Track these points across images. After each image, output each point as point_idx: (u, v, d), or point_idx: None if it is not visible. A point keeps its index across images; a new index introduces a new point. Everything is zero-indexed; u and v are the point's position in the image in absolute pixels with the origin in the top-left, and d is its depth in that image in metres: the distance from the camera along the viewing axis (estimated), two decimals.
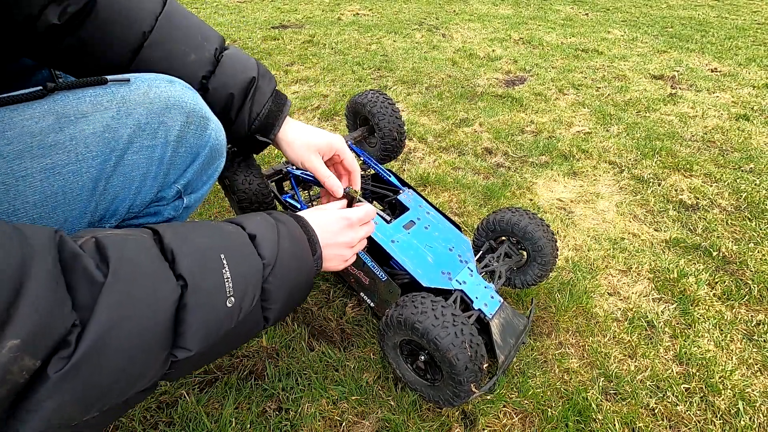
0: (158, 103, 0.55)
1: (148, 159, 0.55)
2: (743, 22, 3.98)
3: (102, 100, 0.52)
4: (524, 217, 0.95)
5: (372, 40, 3.10)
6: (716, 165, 1.65)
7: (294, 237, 0.56)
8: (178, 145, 0.57)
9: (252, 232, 0.52)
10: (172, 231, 0.46)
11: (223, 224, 0.51)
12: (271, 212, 0.59)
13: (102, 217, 0.54)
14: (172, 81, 0.58)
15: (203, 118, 0.59)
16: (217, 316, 0.45)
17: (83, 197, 0.51)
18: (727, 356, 0.94)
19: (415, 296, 0.77)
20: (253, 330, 0.51)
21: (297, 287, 0.55)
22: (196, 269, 0.43)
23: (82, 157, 0.50)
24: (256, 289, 0.49)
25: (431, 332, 0.70)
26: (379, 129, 1.10)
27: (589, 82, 2.43)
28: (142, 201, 0.56)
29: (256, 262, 0.50)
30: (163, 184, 0.57)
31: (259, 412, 0.81)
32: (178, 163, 0.58)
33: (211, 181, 0.65)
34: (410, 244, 0.90)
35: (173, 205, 0.60)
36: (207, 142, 0.60)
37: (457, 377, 0.70)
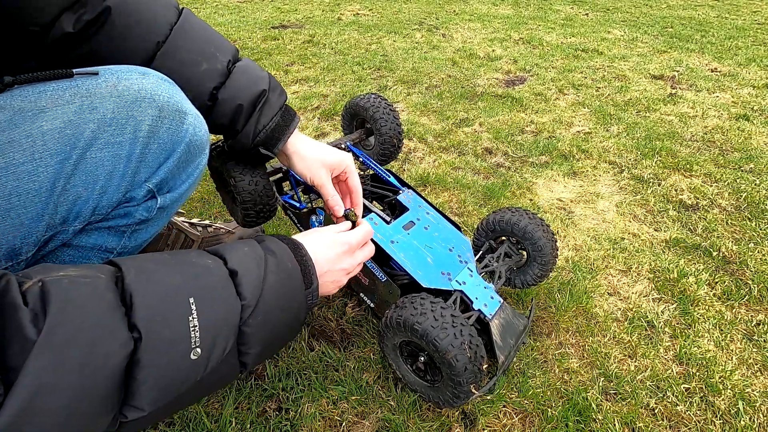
0: (127, 96, 0.51)
1: (114, 156, 0.51)
2: (743, 22, 3.98)
3: (64, 93, 0.49)
4: (524, 217, 0.95)
5: (372, 40, 3.10)
6: (716, 165, 1.65)
7: (285, 270, 0.52)
8: (150, 141, 0.53)
9: (234, 268, 0.47)
10: (137, 269, 0.41)
11: (202, 257, 0.47)
12: (264, 239, 0.55)
13: (64, 220, 0.50)
14: (145, 73, 0.55)
15: (178, 111, 0.55)
16: (177, 371, 0.40)
17: (40, 198, 0.47)
18: (727, 356, 0.94)
19: (414, 297, 0.77)
20: (226, 378, 0.47)
21: (282, 327, 0.51)
22: (156, 318, 0.39)
23: (38, 156, 0.46)
24: (231, 335, 0.45)
25: (430, 333, 0.70)
26: (380, 134, 1.10)
27: (589, 82, 2.43)
28: (108, 202, 0.52)
29: (233, 303, 0.45)
30: (132, 184, 0.53)
31: (259, 412, 0.81)
32: (149, 160, 0.54)
33: (191, 180, 0.61)
34: (410, 245, 0.90)
35: (145, 206, 0.56)
36: (183, 138, 0.56)
37: (457, 378, 0.70)
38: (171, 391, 0.40)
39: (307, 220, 0.97)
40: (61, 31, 0.54)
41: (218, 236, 1.10)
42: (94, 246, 0.55)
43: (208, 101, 0.65)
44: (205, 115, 0.64)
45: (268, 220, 0.91)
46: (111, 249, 0.57)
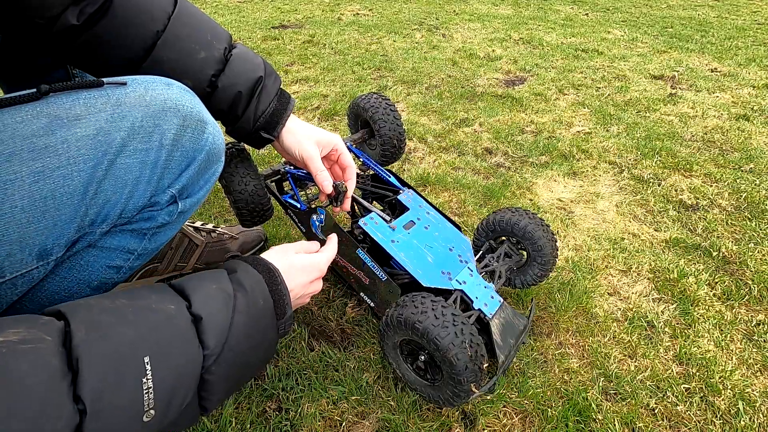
0: (154, 106, 0.54)
1: (142, 163, 0.53)
2: (743, 22, 3.98)
3: (96, 102, 0.51)
4: (524, 217, 0.95)
5: (372, 40, 3.10)
6: (716, 165, 1.65)
7: (256, 309, 0.50)
8: (174, 149, 0.55)
9: (198, 312, 0.46)
10: (88, 326, 0.39)
11: (164, 301, 0.45)
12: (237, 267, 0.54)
13: (93, 222, 0.52)
14: (169, 84, 0.57)
15: (200, 121, 0.58)
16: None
17: (73, 202, 0.49)
18: (727, 356, 0.94)
19: (415, 296, 0.77)
20: (184, 424, 0.46)
21: (249, 366, 0.50)
22: (105, 385, 0.37)
23: (73, 161, 0.48)
24: (190, 387, 0.43)
25: (431, 332, 0.70)
26: (380, 135, 1.10)
27: (589, 82, 2.43)
28: (134, 206, 0.54)
29: (194, 354, 0.43)
30: (156, 189, 0.55)
31: (259, 412, 0.81)
32: (173, 167, 0.56)
33: (208, 186, 0.63)
34: (410, 244, 0.90)
35: (167, 210, 0.58)
36: (204, 146, 0.58)
37: (457, 377, 0.70)
38: None
39: (308, 220, 0.97)
40: (66, 23, 0.55)
41: (222, 241, 1.10)
42: (117, 247, 0.57)
43: (208, 88, 0.66)
44: (205, 102, 0.66)
45: (263, 221, 0.91)
46: (133, 250, 0.59)
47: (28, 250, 0.48)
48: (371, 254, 0.88)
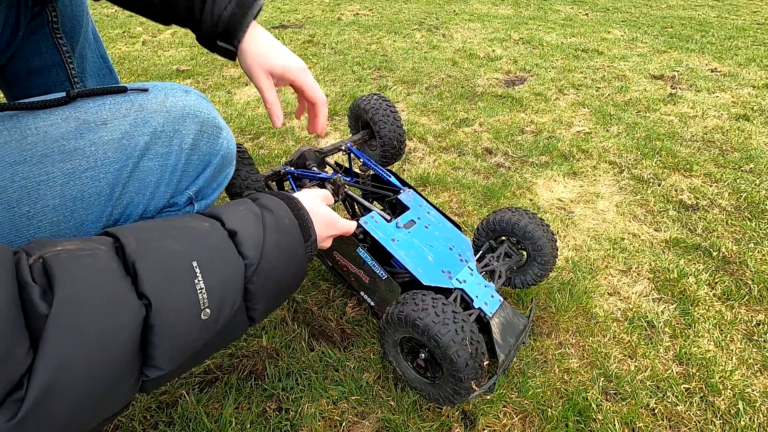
0: (174, 112, 0.56)
1: (163, 166, 0.55)
2: (743, 22, 3.98)
3: (121, 107, 0.53)
4: (524, 216, 0.95)
5: (372, 40, 3.10)
6: (716, 165, 1.65)
7: (283, 226, 0.52)
8: (192, 153, 0.58)
9: (232, 228, 0.48)
10: (135, 238, 0.42)
11: (199, 221, 0.48)
12: (258, 196, 0.56)
13: (116, 221, 0.54)
14: (187, 91, 0.60)
15: (216, 127, 0.60)
16: (190, 331, 0.42)
17: (100, 202, 0.52)
18: (727, 356, 0.94)
19: (415, 294, 0.77)
20: (237, 332, 0.49)
21: (286, 281, 0.52)
22: (163, 284, 0.40)
23: (101, 163, 0.51)
24: (237, 293, 0.46)
25: (432, 329, 0.71)
26: (380, 137, 1.10)
27: (589, 82, 2.43)
28: (155, 206, 0.57)
29: (236, 263, 0.46)
30: (175, 191, 0.58)
31: (259, 412, 0.81)
32: (190, 170, 0.59)
33: (221, 188, 0.66)
34: (410, 243, 0.90)
35: (184, 211, 0.61)
36: (219, 151, 0.61)
37: (458, 374, 0.70)
38: (186, 349, 0.42)
39: None
40: None
41: None
42: None
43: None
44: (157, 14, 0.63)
45: None
46: None
47: None
48: (371, 253, 0.88)
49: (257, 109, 2.00)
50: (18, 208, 0.47)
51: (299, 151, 1.08)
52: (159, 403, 0.81)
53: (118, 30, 3.13)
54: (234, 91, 2.20)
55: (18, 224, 0.47)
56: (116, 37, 3.01)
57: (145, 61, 2.56)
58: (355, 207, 1.08)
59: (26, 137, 0.48)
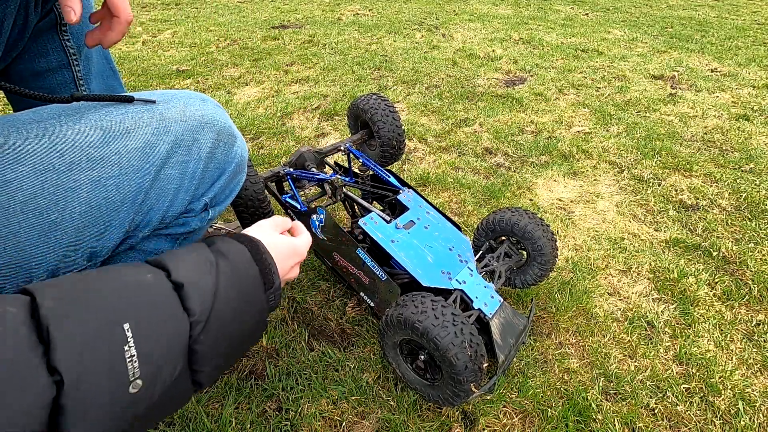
0: (193, 121, 0.58)
1: (182, 173, 0.57)
2: (743, 22, 3.98)
3: (143, 116, 0.54)
4: (524, 216, 0.95)
5: (372, 40, 3.10)
6: (716, 165, 1.65)
7: (241, 274, 0.47)
8: (209, 161, 0.59)
9: (179, 280, 0.42)
10: (54, 296, 0.36)
11: (139, 272, 0.42)
12: (216, 240, 0.51)
13: (137, 227, 0.56)
14: (204, 99, 0.61)
15: (231, 135, 0.62)
16: (113, 410, 0.35)
17: (124, 208, 0.53)
18: (727, 356, 0.94)
19: (415, 296, 0.77)
20: (179, 401, 0.43)
21: (241, 337, 0.47)
22: (82, 354, 0.34)
23: (125, 171, 0.52)
24: (179, 357, 0.40)
25: (431, 332, 0.70)
26: (380, 137, 1.10)
27: (589, 82, 2.43)
28: (173, 212, 0.58)
29: (179, 322, 0.40)
30: (193, 197, 0.59)
31: (259, 412, 0.81)
32: (207, 177, 0.60)
33: (233, 194, 0.67)
34: (410, 244, 0.90)
35: (200, 217, 0.62)
36: (233, 159, 0.63)
37: (457, 377, 0.70)
38: (110, 429, 0.36)
39: (308, 221, 0.97)
40: None
41: None
42: (153, 250, 0.60)
43: None
44: None
45: None
46: None
47: (81, 252, 0.51)
48: (371, 254, 0.88)
49: (257, 109, 2.00)
50: (47, 215, 0.47)
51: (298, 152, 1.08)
52: None
53: None
54: (234, 91, 2.20)
55: (46, 230, 0.48)
56: None
57: (145, 61, 2.56)
58: (355, 207, 1.08)
59: (56, 145, 0.48)
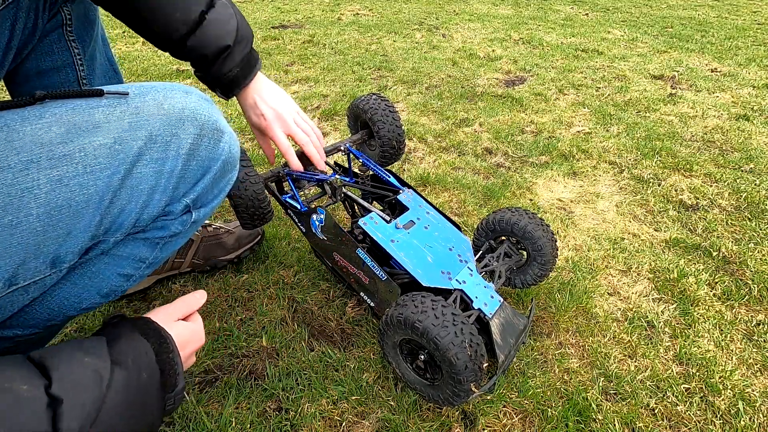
0: (172, 115, 0.54)
1: (158, 172, 0.53)
2: (743, 22, 3.98)
3: (116, 110, 0.51)
4: (524, 216, 0.95)
5: (372, 40, 3.10)
6: (716, 165, 1.65)
7: (137, 384, 0.44)
8: (190, 158, 0.55)
9: (58, 394, 0.38)
10: None
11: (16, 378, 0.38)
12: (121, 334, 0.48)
13: (107, 230, 0.52)
14: (188, 91, 0.58)
15: (217, 130, 0.58)
16: None
17: (89, 211, 0.49)
18: (727, 356, 0.94)
19: (415, 295, 0.77)
20: None
21: None
22: None
23: (90, 170, 0.48)
24: None
25: (431, 331, 0.71)
26: (379, 137, 1.10)
27: (589, 82, 2.43)
28: (149, 215, 0.54)
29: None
30: (171, 198, 0.55)
31: (259, 412, 0.81)
32: (188, 176, 0.56)
33: (222, 194, 0.63)
34: (410, 244, 0.90)
35: (180, 220, 0.58)
36: (219, 156, 0.59)
37: (457, 376, 0.70)
38: None
39: (308, 221, 0.97)
40: None
41: (218, 236, 1.10)
42: (129, 255, 0.57)
43: (179, 44, 0.69)
44: (171, 52, 0.71)
45: (264, 223, 0.92)
46: (144, 258, 0.59)
47: (42, 258, 0.48)
48: (370, 254, 0.88)
49: None
50: (1, 218, 0.43)
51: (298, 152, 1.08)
52: None
53: (118, 30, 3.13)
54: None
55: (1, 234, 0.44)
56: (116, 37, 3.01)
57: (145, 61, 2.56)
58: (354, 207, 1.08)
59: (12, 141, 0.44)
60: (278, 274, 1.11)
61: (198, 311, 0.62)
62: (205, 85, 0.79)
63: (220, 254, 1.10)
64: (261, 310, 1.01)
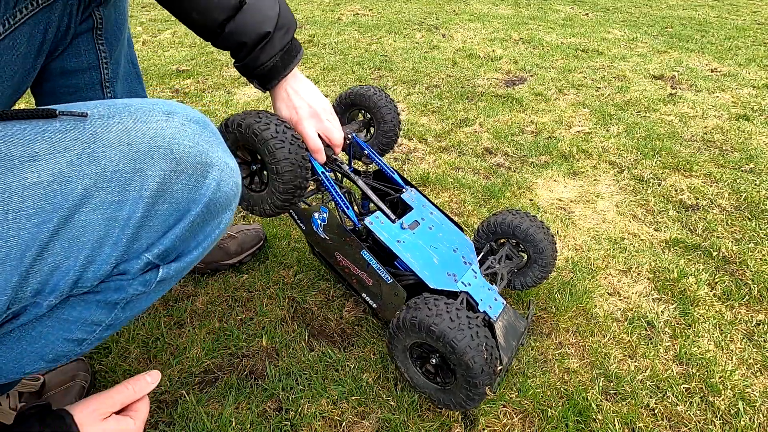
0: (138, 145, 0.43)
1: (109, 219, 0.42)
2: (743, 22, 3.98)
3: (66, 136, 0.41)
4: (526, 219, 0.95)
5: (372, 40, 3.10)
6: (716, 165, 1.65)
7: None
8: (157, 201, 0.44)
9: None
10: None
11: None
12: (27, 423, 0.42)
13: (37, 292, 0.41)
14: (170, 113, 0.46)
15: (200, 164, 0.46)
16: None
17: (7, 267, 0.39)
18: (727, 356, 0.95)
19: (428, 298, 0.76)
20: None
21: None
22: None
23: (12, 216, 0.38)
24: None
25: (448, 335, 0.70)
26: (383, 123, 1.08)
27: (589, 82, 2.43)
28: (96, 274, 0.43)
29: None
30: (126, 253, 0.44)
31: (259, 412, 0.81)
32: (154, 224, 0.45)
33: (208, 241, 0.51)
34: (416, 245, 0.89)
35: (141, 280, 0.47)
36: (202, 196, 0.47)
37: (473, 380, 0.70)
38: None
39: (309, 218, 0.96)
40: None
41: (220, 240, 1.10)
42: (77, 319, 0.47)
43: (218, 29, 0.68)
44: (211, 40, 0.69)
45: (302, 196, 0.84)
46: (99, 322, 0.48)
47: None
48: (372, 252, 0.87)
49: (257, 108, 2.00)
50: None
51: None
52: (159, 403, 0.81)
53: None
54: (234, 91, 2.20)
55: None
56: None
57: (145, 61, 2.56)
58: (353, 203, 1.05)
59: None
60: (278, 274, 1.11)
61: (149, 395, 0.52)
62: (244, 76, 0.78)
63: (222, 258, 1.09)
64: (261, 310, 1.01)
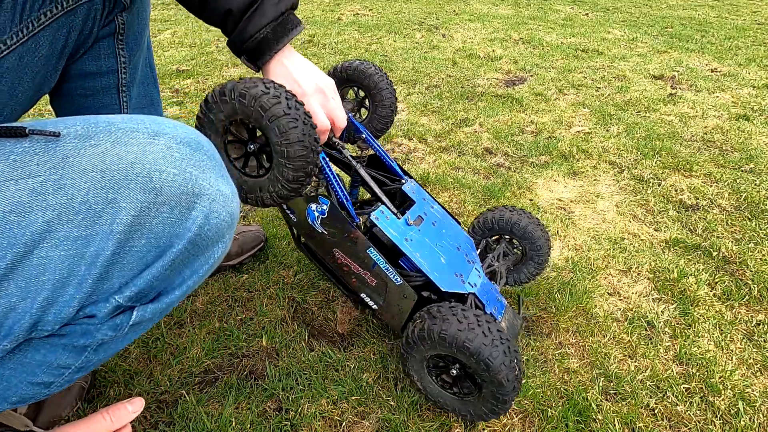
0: (114, 172, 0.38)
1: (74, 257, 0.37)
2: (743, 22, 3.98)
3: (32, 160, 0.36)
4: (523, 216, 0.95)
5: (372, 40, 3.10)
6: (716, 165, 1.65)
7: None
8: (131, 236, 0.39)
9: None
10: None
11: None
12: None
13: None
14: (157, 134, 0.41)
15: (185, 194, 0.41)
16: None
17: None
18: (727, 356, 0.94)
19: (456, 309, 0.74)
20: None
21: None
22: None
23: None
24: None
25: (483, 352, 0.68)
26: (381, 102, 0.98)
27: (589, 82, 2.43)
28: (57, 317, 0.38)
29: None
30: (93, 294, 0.39)
31: (259, 412, 0.81)
32: (127, 262, 0.40)
33: (194, 278, 0.46)
34: (423, 243, 0.84)
35: (110, 324, 0.42)
36: (187, 231, 0.42)
37: (503, 396, 0.70)
38: None
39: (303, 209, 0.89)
40: None
41: None
42: (42, 363, 0.42)
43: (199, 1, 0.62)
44: (198, 13, 0.63)
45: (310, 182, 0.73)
46: (67, 365, 0.43)
47: None
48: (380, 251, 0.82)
49: None
50: None
51: None
52: (159, 403, 0.81)
53: None
54: None
55: None
56: None
57: None
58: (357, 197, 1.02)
59: None
60: (278, 274, 1.11)
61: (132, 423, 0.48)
62: (236, 56, 0.68)
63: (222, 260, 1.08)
64: (261, 310, 1.01)
